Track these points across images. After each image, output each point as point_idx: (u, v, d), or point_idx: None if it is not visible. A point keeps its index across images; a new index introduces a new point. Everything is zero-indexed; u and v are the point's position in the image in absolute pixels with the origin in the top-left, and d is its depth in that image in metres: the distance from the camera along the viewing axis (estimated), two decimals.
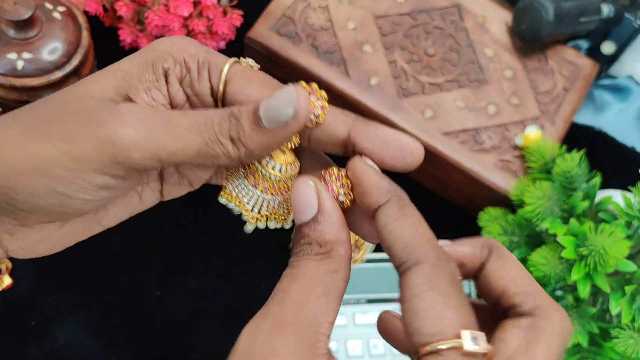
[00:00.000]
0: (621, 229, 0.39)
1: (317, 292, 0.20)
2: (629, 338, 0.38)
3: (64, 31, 0.42)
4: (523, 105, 0.49)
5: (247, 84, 0.23)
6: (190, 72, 0.24)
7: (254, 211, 0.25)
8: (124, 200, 0.26)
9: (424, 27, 0.51)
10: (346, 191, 0.23)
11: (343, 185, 0.23)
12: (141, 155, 0.21)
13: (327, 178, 0.23)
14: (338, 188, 0.23)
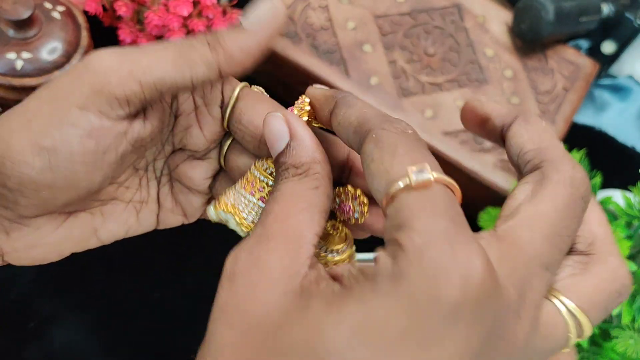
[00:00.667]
0: (621, 229, 0.39)
1: (299, 206, 0.20)
2: (629, 338, 0.38)
3: (64, 31, 0.42)
4: (523, 105, 0.49)
5: (257, 103, 0.24)
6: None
7: (248, 220, 0.24)
8: (121, 216, 0.26)
9: (424, 27, 0.51)
10: (361, 209, 0.23)
11: (360, 204, 0.23)
12: (118, 77, 0.21)
13: (342, 196, 0.23)
14: (354, 205, 0.23)
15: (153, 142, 0.25)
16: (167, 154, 0.26)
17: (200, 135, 0.25)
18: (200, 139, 0.25)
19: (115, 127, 0.22)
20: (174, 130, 0.26)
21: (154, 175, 0.27)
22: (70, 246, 0.25)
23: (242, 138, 0.25)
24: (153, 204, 0.27)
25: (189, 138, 0.25)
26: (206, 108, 0.25)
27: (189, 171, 0.26)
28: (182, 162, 0.26)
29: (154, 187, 0.27)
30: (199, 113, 0.25)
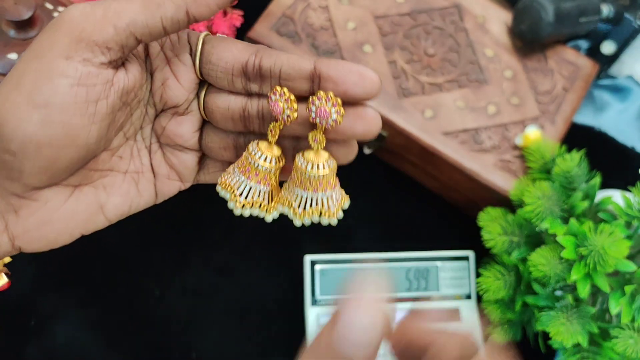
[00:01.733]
0: (621, 229, 0.39)
1: None
2: (628, 338, 0.38)
3: None
4: (523, 105, 0.49)
5: (221, 42, 0.26)
6: (170, 36, 0.26)
7: (241, 197, 0.27)
8: (122, 188, 0.28)
9: (423, 28, 0.51)
10: (338, 109, 0.25)
11: (334, 105, 0.25)
12: (92, 23, 0.23)
13: (317, 102, 0.25)
14: (329, 108, 0.25)
15: (137, 99, 0.26)
16: (152, 118, 0.28)
17: (178, 86, 0.27)
18: (179, 89, 0.27)
19: (101, 74, 0.23)
20: (152, 89, 0.27)
21: (144, 145, 0.28)
22: (80, 225, 0.27)
23: (215, 77, 0.27)
24: (148, 172, 0.28)
25: (168, 91, 0.27)
26: (177, 58, 0.27)
27: (176, 129, 0.28)
28: (168, 123, 0.28)
29: (145, 155, 0.28)
30: (171, 64, 0.27)
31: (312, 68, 0.25)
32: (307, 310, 0.45)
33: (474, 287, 0.47)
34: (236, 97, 0.27)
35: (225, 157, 0.29)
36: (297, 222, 0.27)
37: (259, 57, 0.26)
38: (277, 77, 0.26)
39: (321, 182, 0.26)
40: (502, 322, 0.46)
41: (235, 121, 0.27)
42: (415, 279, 0.47)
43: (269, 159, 0.27)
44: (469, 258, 0.48)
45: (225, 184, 0.27)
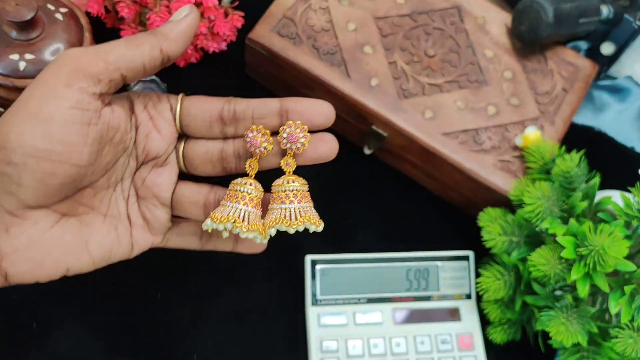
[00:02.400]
0: (620, 229, 0.39)
1: None
2: (628, 337, 0.39)
3: (66, 32, 0.43)
4: (523, 106, 0.49)
5: (198, 98, 0.31)
6: (152, 97, 0.31)
7: (244, 223, 0.30)
8: (102, 228, 0.30)
9: (424, 29, 0.51)
10: (305, 134, 0.30)
11: (302, 130, 0.30)
12: (88, 58, 0.27)
13: (288, 130, 0.30)
14: (298, 133, 0.30)
15: (122, 146, 0.30)
16: (132, 171, 0.31)
17: (159, 137, 0.31)
18: (160, 140, 0.31)
19: (92, 103, 0.27)
20: (136, 141, 0.31)
21: (122, 196, 0.31)
22: (65, 254, 0.29)
23: (194, 127, 0.31)
24: (125, 221, 0.31)
25: (150, 142, 0.31)
26: (159, 115, 0.31)
27: (156, 179, 0.31)
28: (149, 174, 0.31)
29: (122, 206, 0.31)
30: (154, 120, 0.31)
31: (280, 106, 0.30)
32: (307, 310, 0.45)
33: (474, 287, 0.48)
34: (214, 142, 0.31)
35: (193, 214, 0.32)
36: (292, 230, 0.30)
37: (232, 103, 0.31)
38: (250, 117, 0.30)
39: (298, 195, 0.30)
40: (502, 322, 0.46)
41: (214, 163, 0.32)
42: (415, 279, 0.47)
43: (254, 184, 0.31)
44: (469, 258, 0.48)
45: (216, 217, 0.30)
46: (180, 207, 0.32)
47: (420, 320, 0.46)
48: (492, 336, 0.46)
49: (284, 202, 0.30)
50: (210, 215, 0.30)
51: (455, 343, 0.46)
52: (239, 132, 0.31)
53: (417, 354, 0.45)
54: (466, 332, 0.46)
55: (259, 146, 0.30)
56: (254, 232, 0.30)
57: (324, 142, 0.31)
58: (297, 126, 0.30)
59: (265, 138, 0.30)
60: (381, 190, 0.52)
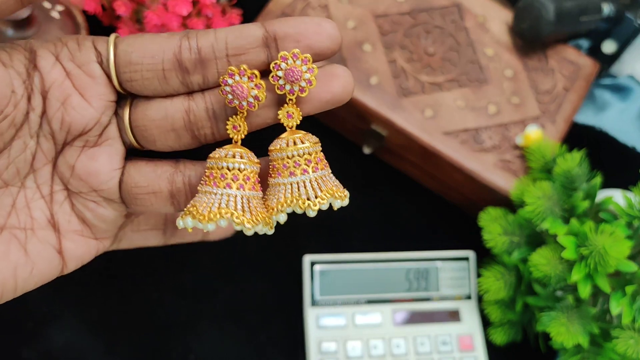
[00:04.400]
0: (621, 229, 0.39)
1: None
2: (629, 338, 0.38)
3: (63, 30, 0.42)
4: (523, 105, 0.49)
5: (138, 37, 0.21)
6: (68, 44, 0.21)
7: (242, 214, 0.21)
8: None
9: (424, 27, 0.50)
10: (310, 66, 0.21)
11: (304, 61, 0.21)
12: None
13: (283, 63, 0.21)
14: (301, 67, 0.21)
15: (9, 122, 0.20)
16: (51, 155, 0.22)
17: (84, 104, 0.21)
18: (85, 108, 0.21)
19: None
20: (47, 112, 0.21)
21: (39, 194, 0.22)
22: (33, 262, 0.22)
23: (141, 81, 0.21)
24: (43, 230, 0.22)
25: (71, 112, 0.21)
26: (80, 69, 0.21)
27: (89, 164, 0.22)
28: (77, 158, 0.22)
29: (39, 208, 0.22)
30: (73, 77, 0.21)
31: (264, 32, 0.21)
32: (306, 311, 0.45)
33: (474, 288, 0.47)
34: (174, 100, 0.21)
35: (155, 206, 0.23)
36: (312, 212, 0.21)
37: (193, 37, 0.21)
38: (224, 56, 0.21)
39: (312, 159, 0.22)
40: (503, 323, 0.46)
41: (178, 131, 0.22)
42: (415, 280, 0.47)
43: (246, 155, 0.22)
44: (469, 258, 0.48)
45: (200, 213, 0.21)
46: (135, 201, 0.22)
47: (420, 321, 0.46)
48: (493, 337, 0.45)
49: (293, 172, 0.21)
50: (187, 210, 0.21)
51: (455, 344, 0.45)
52: (210, 80, 0.21)
53: (417, 355, 0.45)
54: (466, 333, 0.46)
55: (246, 96, 0.21)
56: (260, 224, 0.21)
57: (335, 77, 0.21)
58: (296, 56, 0.21)
59: (254, 82, 0.21)
60: (381, 190, 0.51)
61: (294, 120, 0.22)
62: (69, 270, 0.23)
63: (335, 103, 0.22)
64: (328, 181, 0.22)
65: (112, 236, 0.24)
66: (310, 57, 0.21)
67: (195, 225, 0.21)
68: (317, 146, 0.22)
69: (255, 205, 0.21)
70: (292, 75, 0.21)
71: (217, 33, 0.21)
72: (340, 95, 0.22)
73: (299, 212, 0.21)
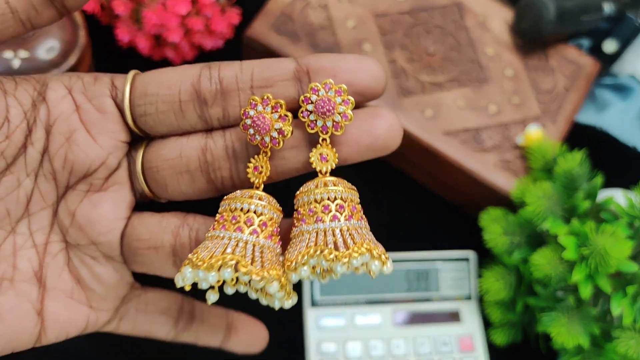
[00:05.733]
0: (622, 229, 0.39)
1: None
2: (630, 339, 0.38)
3: (61, 30, 0.42)
4: (524, 105, 0.49)
5: (157, 71, 0.20)
6: (83, 79, 0.20)
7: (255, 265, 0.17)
8: None
9: (424, 26, 0.50)
10: (346, 98, 0.18)
11: (339, 92, 0.18)
12: None
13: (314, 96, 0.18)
14: (335, 98, 0.18)
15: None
16: (51, 198, 0.18)
17: (90, 141, 0.18)
18: (92, 147, 0.18)
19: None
20: (49, 148, 0.18)
21: (31, 242, 0.18)
22: None
23: (156, 116, 0.18)
24: (25, 283, 0.18)
25: (74, 149, 0.18)
26: (92, 103, 0.18)
27: (90, 211, 0.18)
28: (79, 205, 0.18)
29: (27, 257, 0.18)
30: (82, 111, 0.18)
31: (296, 65, 0.18)
32: (305, 311, 0.45)
33: (475, 288, 0.47)
34: (190, 138, 0.19)
35: (155, 265, 0.19)
36: (340, 268, 0.17)
37: (215, 68, 0.18)
38: (249, 87, 0.18)
39: (342, 206, 0.18)
40: (503, 324, 0.45)
41: (192, 174, 0.18)
42: (415, 280, 0.46)
43: (265, 199, 0.18)
44: (469, 259, 0.47)
45: (200, 259, 0.17)
46: (136, 258, 0.19)
47: (420, 321, 0.46)
48: (494, 338, 0.45)
49: (320, 218, 0.17)
50: (189, 258, 0.18)
51: (455, 345, 0.45)
52: (232, 114, 0.18)
53: (417, 356, 0.44)
54: (467, 334, 0.46)
55: (269, 129, 0.17)
56: (272, 280, 0.17)
57: (378, 117, 0.18)
58: (329, 87, 0.17)
59: (279, 113, 0.18)
60: (381, 190, 0.51)
61: (328, 163, 0.19)
62: (48, 340, 0.19)
63: (378, 149, 0.19)
64: (364, 234, 0.18)
65: (111, 309, 0.20)
66: (346, 87, 0.18)
67: (195, 277, 0.18)
68: (353, 193, 0.19)
69: (269, 259, 0.17)
70: (323, 106, 0.17)
71: (243, 64, 0.18)
72: (384, 140, 0.18)
73: (324, 266, 0.17)
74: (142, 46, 0.47)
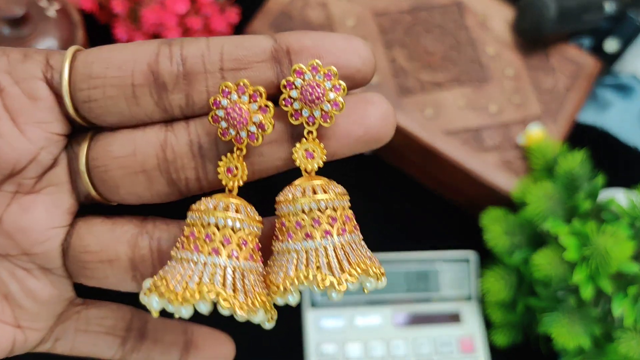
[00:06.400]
0: (624, 230, 0.38)
1: None
2: (631, 340, 0.38)
3: (59, 29, 0.42)
4: (525, 104, 0.49)
5: (102, 48, 0.17)
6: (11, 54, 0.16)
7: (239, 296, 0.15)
8: None
9: (424, 25, 0.50)
10: (336, 83, 0.15)
11: (329, 75, 0.15)
12: None
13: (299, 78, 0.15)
14: (323, 83, 0.15)
15: None
16: None
17: (14, 132, 0.15)
18: (17, 138, 0.15)
19: None
20: None
21: None
22: None
23: (102, 101, 0.15)
24: None
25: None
26: (18, 86, 0.15)
27: (20, 218, 0.15)
28: (7, 208, 0.15)
29: None
30: (6, 97, 0.15)
31: (274, 43, 0.15)
32: (305, 312, 0.44)
33: (475, 289, 0.47)
34: (146, 131, 0.15)
35: (110, 280, 0.17)
36: (336, 295, 0.15)
37: (176, 45, 0.15)
38: (218, 69, 0.15)
39: (335, 218, 0.15)
40: (504, 324, 0.45)
41: (149, 174, 0.15)
42: (415, 281, 0.46)
43: (243, 209, 0.15)
44: (469, 259, 0.47)
45: (170, 289, 0.14)
46: (84, 272, 0.16)
47: (420, 322, 0.45)
48: (494, 339, 0.45)
49: (310, 234, 0.15)
50: (153, 284, 0.15)
51: (456, 346, 0.45)
52: (197, 101, 0.15)
53: (417, 356, 0.44)
54: (467, 335, 0.46)
55: (246, 122, 0.14)
56: (258, 311, 0.15)
57: (370, 104, 0.16)
58: (316, 69, 0.15)
59: (257, 104, 0.15)
60: (381, 190, 0.51)
61: (314, 161, 0.15)
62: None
63: (370, 141, 0.16)
64: (359, 250, 0.16)
65: (44, 329, 0.17)
66: (336, 70, 0.15)
67: (164, 307, 0.15)
68: (344, 199, 0.16)
69: (252, 283, 0.15)
70: (311, 93, 0.15)
71: (210, 41, 0.15)
72: (378, 130, 0.16)
73: (317, 292, 0.15)
74: None
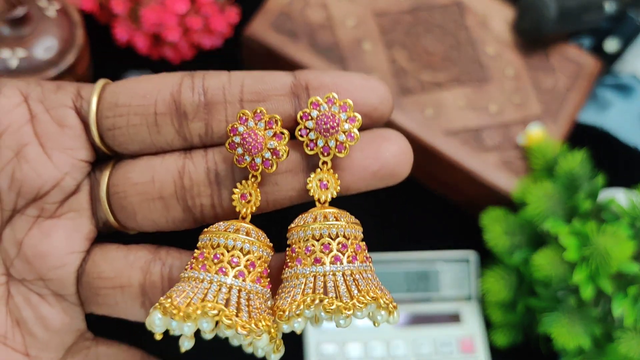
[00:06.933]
0: (624, 230, 0.38)
1: None
2: (631, 340, 0.38)
3: (59, 29, 0.42)
4: (525, 104, 0.49)
5: (130, 80, 0.17)
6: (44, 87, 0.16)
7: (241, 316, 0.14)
8: None
9: (424, 25, 0.50)
10: (351, 114, 0.15)
11: (343, 107, 0.15)
12: None
13: (316, 110, 0.15)
14: (339, 114, 0.15)
15: None
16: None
17: (42, 157, 0.15)
18: (44, 163, 0.15)
19: None
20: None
21: None
22: None
23: (126, 129, 0.15)
24: None
25: (23, 166, 0.15)
26: (49, 114, 0.15)
27: (40, 242, 0.15)
28: (28, 232, 0.15)
29: None
30: (37, 124, 0.15)
31: (293, 79, 0.16)
32: None
33: (475, 289, 0.47)
34: (165, 158, 0.16)
35: (120, 307, 0.17)
36: (343, 322, 0.15)
37: (199, 77, 0.15)
38: (238, 100, 0.15)
39: (345, 245, 0.15)
40: (504, 324, 0.45)
41: (167, 202, 0.15)
42: (415, 281, 0.46)
43: (254, 233, 0.15)
44: (469, 259, 0.47)
45: (175, 306, 0.14)
46: (97, 299, 0.17)
47: (420, 322, 0.45)
48: (495, 339, 0.45)
49: (319, 259, 0.15)
50: (160, 302, 0.15)
51: (456, 346, 0.45)
52: (215, 130, 0.16)
53: (417, 357, 0.44)
54: (467, 335, 0.46)
55: (261, 148, 0.15)
56: (261, 333, 0.15)
57: (386, 140, 0.16)
58: (332, 101, 0.15)
59: (272, 131, 0.15)
60: (381, 190, 0.51)
61: (328, 191, 0.16)
62: None
63: (386, 177, 0.16)
64: (370, 280, 0.15)
65: (58, 353, 0.16)
66: (351, 102, 0.15)
67: (167, 325, 0.15)
68: (357, 228, 0.16)
69: (257, 306, 0.15)
70: (326, 122, 0.15)
71: (232, 74, 0.16)
72: (394, 166, 0.16)
73: (324, 318, 0.15)
74: (140, 45, 0.47)
